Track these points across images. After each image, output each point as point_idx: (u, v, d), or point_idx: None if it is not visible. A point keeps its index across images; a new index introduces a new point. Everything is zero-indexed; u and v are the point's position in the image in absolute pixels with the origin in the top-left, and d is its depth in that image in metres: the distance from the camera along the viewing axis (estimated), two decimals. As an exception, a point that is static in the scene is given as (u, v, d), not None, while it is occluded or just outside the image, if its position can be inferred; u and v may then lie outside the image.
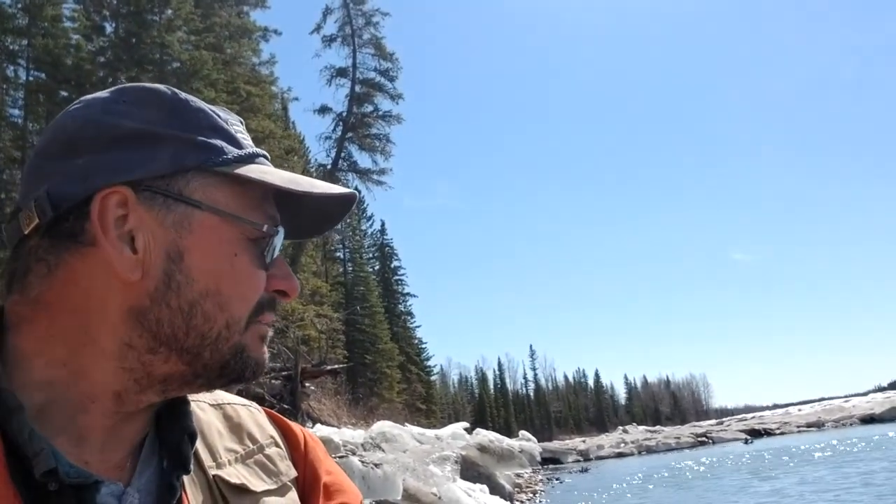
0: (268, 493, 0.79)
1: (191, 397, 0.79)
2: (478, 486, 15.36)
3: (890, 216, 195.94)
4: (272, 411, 0.92)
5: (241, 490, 0.77)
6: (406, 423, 24.74)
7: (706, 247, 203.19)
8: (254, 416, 0.87)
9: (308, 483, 0.85)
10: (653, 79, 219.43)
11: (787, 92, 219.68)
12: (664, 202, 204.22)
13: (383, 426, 19.26)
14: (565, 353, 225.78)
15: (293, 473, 0.84)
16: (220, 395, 0.87)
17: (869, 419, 45.77)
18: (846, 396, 62.32)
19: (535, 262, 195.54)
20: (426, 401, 55.03)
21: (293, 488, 0.83)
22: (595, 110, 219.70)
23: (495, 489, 17.20)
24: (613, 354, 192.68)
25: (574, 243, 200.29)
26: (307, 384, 23.86)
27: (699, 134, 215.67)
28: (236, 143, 0.75)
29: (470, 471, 17.25)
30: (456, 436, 23.74)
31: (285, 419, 0.91)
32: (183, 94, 0.76)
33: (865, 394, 63.31)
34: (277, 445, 0.85)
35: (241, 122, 0.80)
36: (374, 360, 44.90)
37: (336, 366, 28.15)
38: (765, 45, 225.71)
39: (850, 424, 46.02)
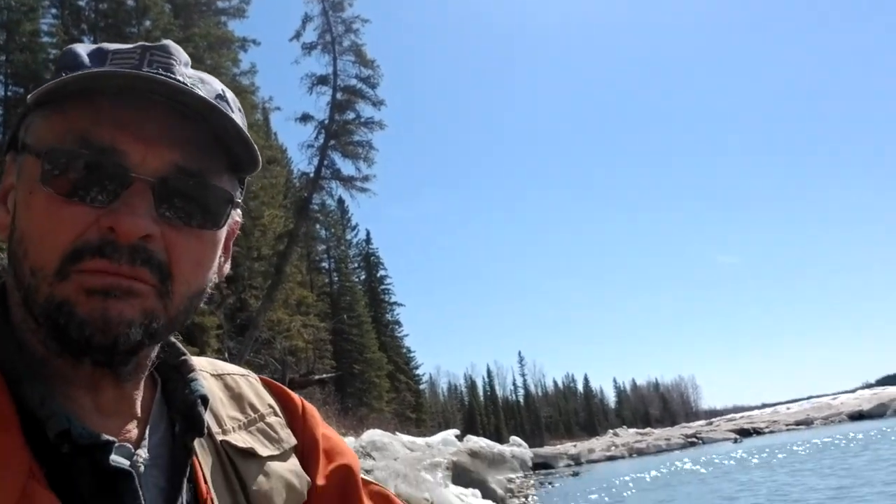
0: (272, 458, 0.81)
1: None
2: (470, 490, 15.30)
3: (875, 216, 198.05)
4: (269, 380, 0.93)
5: (249, 454, 0.80)
6: (396, 432, 24.63)
7: (692, 250, 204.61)
8: (253, 386, 0.89)
9: (307, 449, 0.88)
10: (638, 84, 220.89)
11: (772, 96, 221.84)
12: (650, 206, 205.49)
13: (373, 435, 19.16)
14: (554, 359, 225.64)
15: (293, 441, 0.86)
16: (219, 366, 0.90)
17: (857, 416, 46.12)
18: (834, 394, 62.67)
19: (523, 269, 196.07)
20: (416, 409, 54.83)
21: (293, 455, 0.85)
22: (581, 115, 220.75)
23: (487, 494, 17.14)
24: (602, 359, 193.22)
25: (560, 249, 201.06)
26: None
27: (684, 139, 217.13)
28: (77, 68, 0.71)
29: (462, 477, 17.19)
30: (447, 442, 23.65)
31: (283, 387, 0.93)
32: (78, 45, 0.76)
33: (853, 391, 63.83)
34: (277, 414, 0.87)
35: (164, 50, 0.73)
36: (363, 369, 44.71)
37: (324, 375, 27.95)
38: (754, 49, 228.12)
39: (839, 421, 46.32)
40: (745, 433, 48.07)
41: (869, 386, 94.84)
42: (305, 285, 37.74)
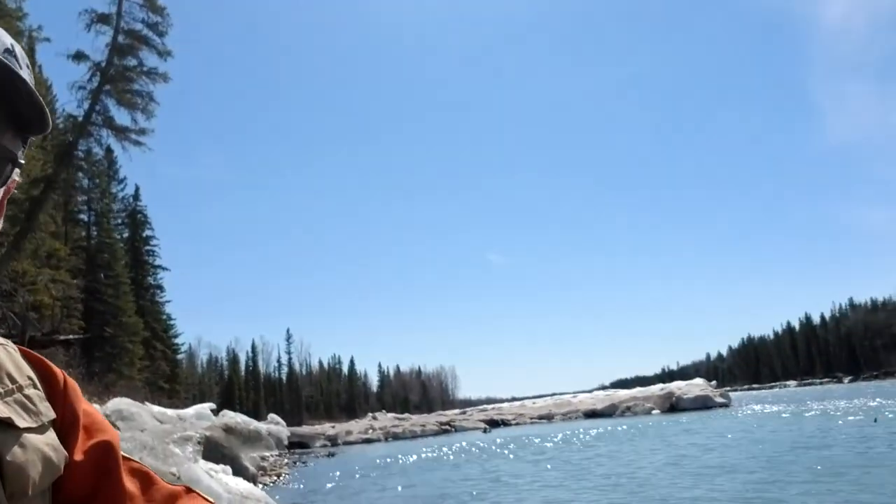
0: (29, 430, 0.77)
1: None
2: (221, 466, 14.76)
3: (623, 234, 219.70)
4: (29, 351, 0.87)
5: (5, 424, 0.75)
6: (146, 402, 23.25)
7: (464, 245, 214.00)
8: (11, 356, 0.84)
9: (67, 424, 0.84)
10: (424, 77, 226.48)
11: (541, 109, 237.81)
12: (428, 196, 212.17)
13: (120, 403, 17.95)
14: (323, 340, 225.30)
15: (52, 415, 0.82)
16: None
17: (591, 413, 50.85)
18: (574, 393, 68.50)
19: (300, 247, 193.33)
20: (170, 380, 52.12)
21: (51, 429, 0.81)
22: (370, 93, 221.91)
23: (239, 471, 16.69)
24: (370, 344, 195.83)
25: (340, 232, 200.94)
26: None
27: (468, 140, 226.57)
28: None
29: (214, 452, 16.58)
30: (201, 416, 22.73)
31: (44, 359, 0.88)
32: None
33: (591, 391, 70.16)
34: (36, 387, 0.83)
35: None
36: (115, 333, 41.62)
37: (70, 336, 25.68)
38: (524, 69, 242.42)
39: (576, 418, 50.87)
40: (494, 423, 51.20)
41: (604, 388, 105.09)
42: (59, 237, 34.29)
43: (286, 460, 27.08)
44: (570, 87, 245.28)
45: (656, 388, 52.56)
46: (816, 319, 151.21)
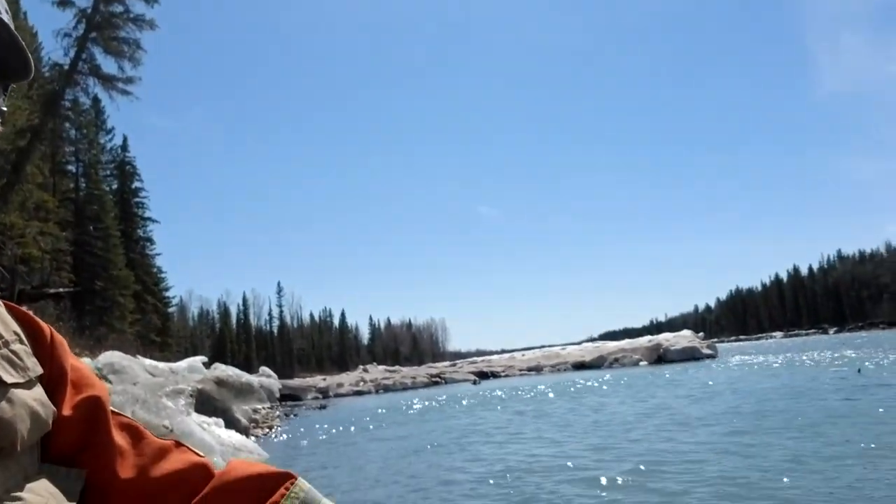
0: (16, 385, 0.76)
1: None
2: (213, 419, 14.93)
3: (612, 188, 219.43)
4: (14, 305, 0.87)
5: None
6: (138, 356, 23.35)
7: (455, 198, 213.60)
8: None
9: (54, 379, 0.83)
10: (414, 30, 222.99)
11: (531, 63, 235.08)
12: (415, 149, 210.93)
13: (112, 356, 18.03)
14: (314, 293, 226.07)
15: (39, 370, 0.81)
16: None
17: (580, 365, 51.43)
18: (563, 345, 69.18)
19: (290, 200, 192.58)
20: (162, 333, 52.25)
21: (39, 384, 0.80)
22: (360, 47, 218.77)
23: (231, 423, 16.88)
24: (361, 297, 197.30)
25: (329, 185, 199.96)
26: (25, 308, 21.42)
27: (458, 92, 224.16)
28: None
29: (206, 405, 16.73)
30: (192, 369, 22.89)
31: (30, 314, 0.87)
32: None
33: (579, 343, 70.84)
34: (22, 342, 0.82)
35: None
36: (106, 286, 41.57)
37: (60, 290, 25.66)
38: (515, 22, 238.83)
39: (565, 369, 51.45)
40: (483, 375, 51.76)
41: (592, 340, 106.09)
42: (47, 188, 33.96)
43: (278, 413, 27.38)
44: (563, 40, 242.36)
45: (644, 340, 53.06)
46: (805, 272, 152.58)
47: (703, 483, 8.00)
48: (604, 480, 8.64)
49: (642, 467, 9.27)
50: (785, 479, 7.82)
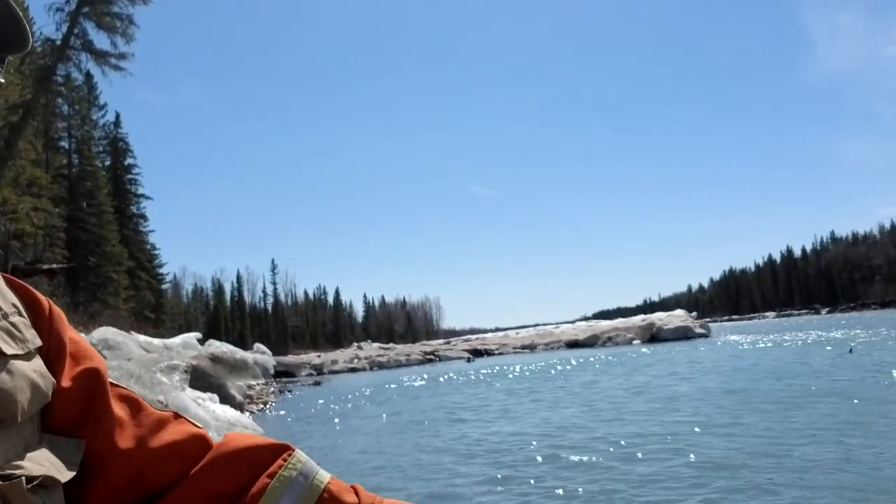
0: (16, 357, 0.76)
1: None
2: (208, 395, 15.03)
3: (606, 168, 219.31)
4: (12, 278, 0.86)
5: None
6: (132, 332, 23.42)
7: (449, 177, 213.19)
8: None
9: (53, 351, 0.84)
10: (410, 10, 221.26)
11: (522, 43, 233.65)
12: (411, 127, 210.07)
13: (106, 332, 18.09)
14: (308, 271, 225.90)
15: (39, 342, 0.81)
16: None
17: (573, 344, 51.75)
18: (557, 323, 69.39)
19: (285, 177, 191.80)
20: (156, 309, 52.33)
21: (38, 356, 0.80)
22: (355, 27, 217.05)
23: (226, 399, 16.99)
24: (356, 274, 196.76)
25: (325, 164, 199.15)
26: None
27: (453, 71, 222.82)
28: None
29: (201, 381, 16.83)
30: (187, 345, 22.98)
31: (28, 287, 0.87)
32: None
33: (573, 322, 71.05)
34: (21, 314, 0.81)
35: None
36: (100, 262, 41.56)
37: (54, 265, 25.65)
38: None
39: (558, 348, 51.76)
40: (477, 353, 52.07)
41: (586, 319, 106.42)
42: (40, 164, 33.80)
43: (272, 389, 27.53)
44: (558, 18, 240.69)
45: (637, 319, 53.38)
46: (798, 253, 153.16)
47: (684, 464, 8.14)
48: (585, 458, 8.79)
49: (623, 442, 9.44)
50: (764, 460, 7.98)
